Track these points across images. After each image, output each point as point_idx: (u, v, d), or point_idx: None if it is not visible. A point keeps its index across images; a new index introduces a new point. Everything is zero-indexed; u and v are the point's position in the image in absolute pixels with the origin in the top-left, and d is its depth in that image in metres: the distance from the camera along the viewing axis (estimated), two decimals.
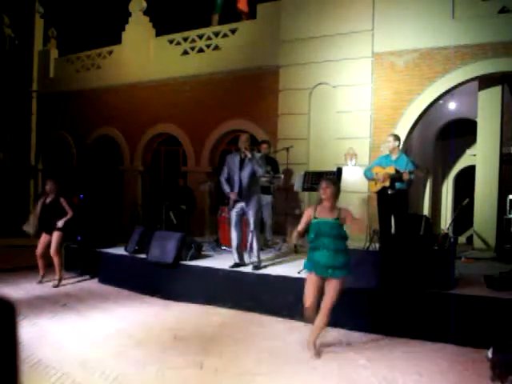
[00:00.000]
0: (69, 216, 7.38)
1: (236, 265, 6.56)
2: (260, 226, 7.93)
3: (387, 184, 6.47)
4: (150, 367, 4.30)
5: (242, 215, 6.55)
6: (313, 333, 4.58)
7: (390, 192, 6.49)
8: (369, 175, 6.72)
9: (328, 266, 4.42)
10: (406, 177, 6.36)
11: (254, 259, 6.48)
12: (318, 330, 4.56)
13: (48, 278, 7.61)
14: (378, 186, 6.59)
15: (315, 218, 4.51)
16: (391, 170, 6.46)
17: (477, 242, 8.55)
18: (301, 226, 4.60)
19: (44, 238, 7.45)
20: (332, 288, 4.45)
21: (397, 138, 6.77)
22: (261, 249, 7.67)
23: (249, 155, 6.36)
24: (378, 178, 6.53)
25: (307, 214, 4.61)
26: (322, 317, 4.47)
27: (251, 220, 6.42)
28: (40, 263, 7.56)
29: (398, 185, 6.46)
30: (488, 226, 8.41)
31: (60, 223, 7.31)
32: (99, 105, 13.03)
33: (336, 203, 4.63)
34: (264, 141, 8.95)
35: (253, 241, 6.45)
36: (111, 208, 12.36)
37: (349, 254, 4.60)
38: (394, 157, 6.63)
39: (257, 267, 6.43)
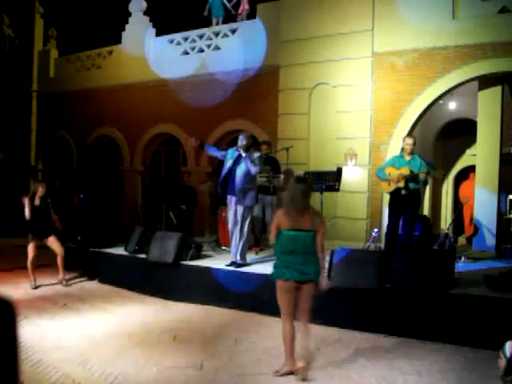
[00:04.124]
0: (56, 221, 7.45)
1: (233, 263, 6.57)
2: (263, 226, 7.96)
3: (402, 185, 6.45)
4: (150, 367, 4.30)
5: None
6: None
7: (403, 193, 6.47)
8: (382, 176, 6.68)
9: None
10: (422, 177, 6.35)
11: (239, 257, 6.49)
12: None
13: (49, 280, 7.62)
14: (392, 187, 6.56)
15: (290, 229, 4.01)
16: (406, 171, 6.44)
17: (477, 242, 8.54)
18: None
19: (36, 243, 7.30)
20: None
21: (415, 139, 6.75)
22: (261, 249, 7.70)
23: (243, 154, 6.37)
24: (392, 179, 6.51)
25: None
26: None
27: (239, 218, 6.43)
28: (33, 269, 7.36)
29: (411, 185, 6.45)
30: (488, 226, 8.41)
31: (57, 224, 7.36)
32: (99, 105, 13.02)
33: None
34: (264, 141, 8.96)
35: (241, 238, 6.45)
36: (111, 208, 12.35)
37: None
38: (407, 158, 6.60)
39: (240, 265, 6.46)
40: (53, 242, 7.39)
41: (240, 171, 6.38)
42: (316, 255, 4.08)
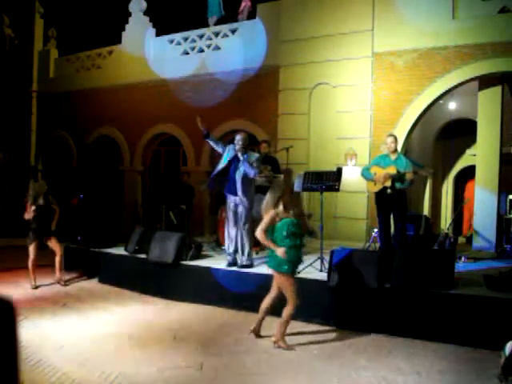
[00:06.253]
0: (57, 214, 7.35)
1: (232, 264, 6.55)
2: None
3: (388, 184, 6.46)
4: (150, 367, 4.30)
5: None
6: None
7: (389, 192, 6.48)
8: (367, 175, 6.70)
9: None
10: (410, 176, 6.35)
11: (244, 258, 6.48)
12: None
13: (47, 280, 7.61)
14: (378, 186, 6.57)
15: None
16: (392, 170, 6.44)
17: (477, 242, 8.54)
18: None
19: (38, 243, 7.32)
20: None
21: (396, 138, 6.80)
22: (261, 249, 7.69)
23: (240, 157, 6.35)
24: (378, 179, 6.52)
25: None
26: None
27: (241, 219, 6.43)
28: (34, 269, 7.37)
29: (397, 185, 6.46)
30: (488, 226, 8.41)
31: (53, 226, 7.32)
32: (99, 105, 13.02)
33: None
34: (263, 140, 8.96)
35: (243, 239, 6.44)
36: (111, 208, 12.36)
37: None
38: (393, 157, 6.63)
39: (248, 266, 6.45)
40: (52, 242, 7.39)
41: (239, 174, 6.37)
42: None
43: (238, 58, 10.47)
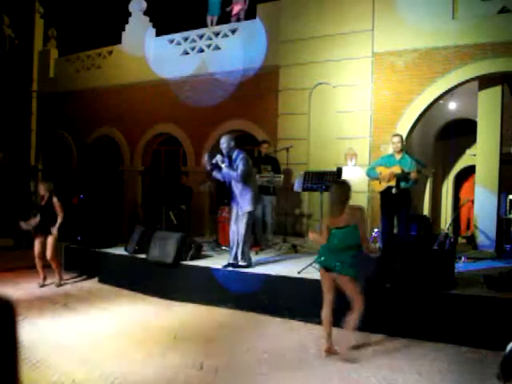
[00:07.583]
0: (60, 220, 7.27)
1: (229, 265, 6.54)
2: (263, 226, 7.96)
3: (393, 183, 6.48)
4: (150, 367, 4.30)
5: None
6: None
7: (394, 191, 6.49)
8: (372, 175, 6.72)
9: None
10: (414, 176, 6.37)
11: (239, 257, 6.46)
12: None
13: (49, 280, 7.61)
14: (383, 186, 6.59)
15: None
16: (397, 170, 6.46)
17: (477, 242, 8.54)
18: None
19: (40, 239, 7.37)
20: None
21: (402, 138, 6.81)
22: (261, 249, 7.70)
23: (222, 164, 6.27)
24: (383, 178, 6.53)
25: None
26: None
27: (238, 222, 6.42)
28: (39, 264, 7.43)
29: (402, 184, 6.47)
30: (488, 226, 8.40)
31: (54, 230, 7.24)
32: (99, 105, 13.02)
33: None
34: (264, 140, 8.97)
35: (240, 240, 6.42)
36: (111, 208, 12.36)
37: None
38: (398, 157, 6.64)
39: (244, 266, 6.44)
40: (48, 242, 7.37)
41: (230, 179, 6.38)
42: (354, 250, 4.49)
43: (237, 58, 10.47)
